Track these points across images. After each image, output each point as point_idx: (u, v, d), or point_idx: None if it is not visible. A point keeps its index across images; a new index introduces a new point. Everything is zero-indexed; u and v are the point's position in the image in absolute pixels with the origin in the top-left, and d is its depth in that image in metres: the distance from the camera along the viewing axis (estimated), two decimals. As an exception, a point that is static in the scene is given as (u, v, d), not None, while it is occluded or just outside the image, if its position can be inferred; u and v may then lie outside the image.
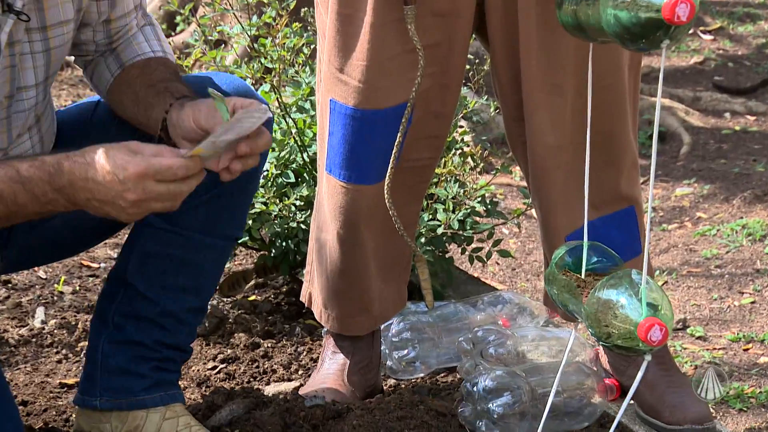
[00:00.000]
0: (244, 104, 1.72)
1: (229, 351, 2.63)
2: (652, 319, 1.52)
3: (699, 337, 3.51)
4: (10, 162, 1.66)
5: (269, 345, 2.68)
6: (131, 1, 1.97)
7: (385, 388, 2.54)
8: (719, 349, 3.39)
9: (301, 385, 2.44)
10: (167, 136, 1.82)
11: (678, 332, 3.58)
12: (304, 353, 2.67)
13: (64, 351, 2.62)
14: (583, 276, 1.75)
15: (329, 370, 2.41)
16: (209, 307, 2.56)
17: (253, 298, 2.93)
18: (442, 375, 2.69)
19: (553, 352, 2.55)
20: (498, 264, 4.36)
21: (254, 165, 1.76)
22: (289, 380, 2.52)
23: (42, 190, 1.63)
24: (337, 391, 2.33)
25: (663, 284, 3.97)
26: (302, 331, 2.79)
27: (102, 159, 1.62)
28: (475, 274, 3.60)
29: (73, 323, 2.75)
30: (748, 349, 3.36)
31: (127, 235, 2.10)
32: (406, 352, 2.59)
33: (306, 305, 2.56)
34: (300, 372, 2.58)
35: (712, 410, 2.79)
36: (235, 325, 2.76)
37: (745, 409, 2.97)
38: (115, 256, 2.22)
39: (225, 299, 2.90)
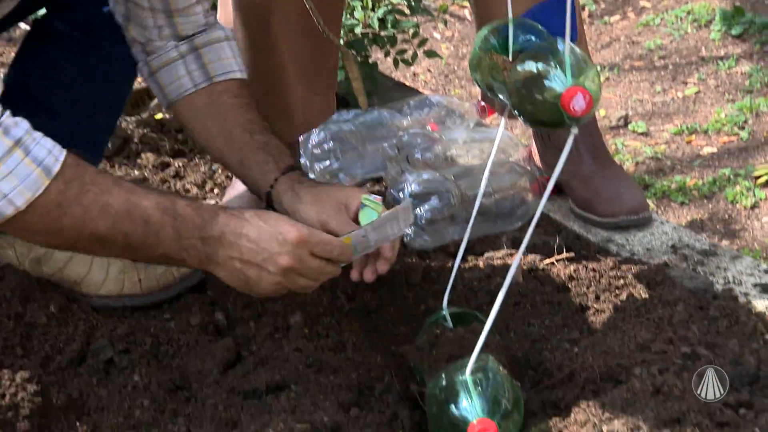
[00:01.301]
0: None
1: (136, 172, 2.60)
2: (576, 88, 1.50)
3: (641, 133, 3.57)
4: (169, 194, 1.65)
5: (180, 164, 2.66)
6: None
7: (308, 202, 2.55)
8: (662, 143, 3.47)
9: (217, 203, 2.44)
10: (270, 208, 1.84)
11: (620, 129, 3.64)
12: (220, 170, 2.64)
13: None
14: (510, 57, 1.69)
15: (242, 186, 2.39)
16: (111, 127, 2.51)
17: (159, 116, 2.86)
18: (369, 185, 2.71)
19: (486, 155, 2.56)
20: (430, 71, 4.33)
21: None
22: (204, 199, 2.51)
23: (189, 233, 1.60)
24: (249, 204, 2.33)
25: (605, 80, 4.00)
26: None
27: (262, 219, 1.63)
28: (406, 84, 3.57)
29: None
30: (690, 141, 3.44)
31: (21, 44, 2.02)
32: (328, 163, 2.58)
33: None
34: (216, 191, 2.57)
35: (651, 204, 2.88)
36: (142, 144, 2.71)
37: (686, 201, 3.07)
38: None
39: (129, 118, 2.83)
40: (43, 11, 2.02)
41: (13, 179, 1.45)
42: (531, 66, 1.56)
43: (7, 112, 1.47)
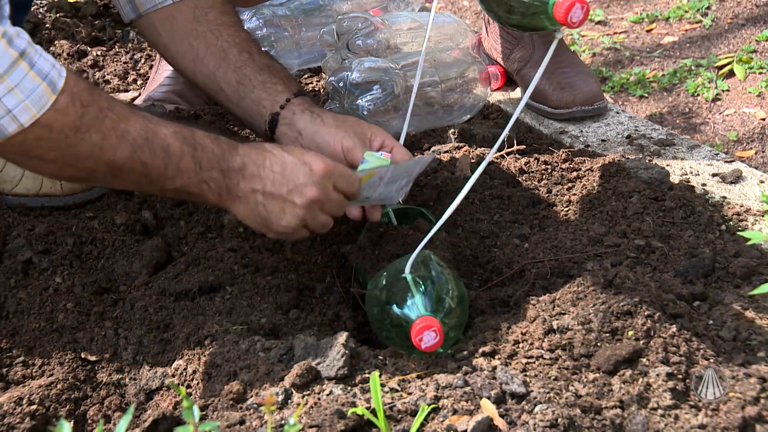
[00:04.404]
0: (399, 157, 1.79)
1: (50, 62, 2.57)
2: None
3: (599, 22, 3.60)
4: (187, 124, 1.60)
5: (99, 53, 2.63)
6: None
7: (240, 94, 2.54)
8: (620, 32, 3.50)
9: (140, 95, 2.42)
10: (271, 132, 1.82)
11: (576, 18, 3.65)
12: (143, 61, 2.62)
13: None
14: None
15: (169, 67, 2.37)
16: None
17: (73, -1, 2.83)
18: (306, 76, 2.71)
19: (432, 42, 2.57)
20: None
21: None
22: (126, 91, 2.49)
23: (209, 164, 1.58)
24: (180, 95, 2.32)
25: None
26: (138, 36, 2.73)
27: (285, 151, 1.62)
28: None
29: None
30: (651, 30, 3.48)
31: None
32: (262, 51, 2.56)
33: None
34: (139, 82, 2.55)
35: (609, 98, 2.93)
36: (55, 31, 2.67)
37: (645, 95, 3.12)
38: None
39: (38, 0, 2.78)
40: None
41: (18, 93, 1.40)
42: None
43: (8, 21, 1.43)
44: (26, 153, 1.46)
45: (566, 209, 1.95)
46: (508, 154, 2.18)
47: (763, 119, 2.82)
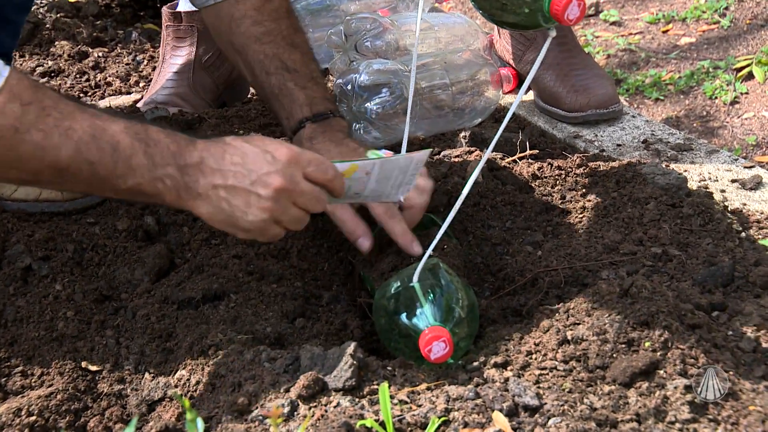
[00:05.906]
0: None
1: (50, 63, 2.57)
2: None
3: (613, 23, 3.60)
4: (139, 119, 1.56)
5: (100, 54, 2.63)
6: None
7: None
8: (636, 33, 3.50)
9: (142, 98, 2.43)
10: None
11: (590, 18, 3.66)
12: (145, 62, 2.63)
13: None
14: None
15: (172, 68, 2.38)
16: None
17: (74, -2, 2.84)
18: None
19: (443, 44, 2.57)
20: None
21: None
22: (128, 93, 2.50)
23: (164, 160, 1.52)
24: (183, 98, 2.32)
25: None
26: (140, 36, 2.73)
27: (245, 141, 1.57)
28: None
29: None
30: (667, 31, 3.48)
31: None
32: (267, 53, 2.57)
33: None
34: (141, 84, 2.56)
35: (624, 101, 2.93)
36: (55, 31, 2.68)
37: (662, 97, 3.11)
38: None
39: (39, 0, 2.79)
40: None
41: None
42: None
43: None
44: None
45: (580, 216, 1.95)
46: (520, 158, 2.18)
47: (783, 123, 2.82)
